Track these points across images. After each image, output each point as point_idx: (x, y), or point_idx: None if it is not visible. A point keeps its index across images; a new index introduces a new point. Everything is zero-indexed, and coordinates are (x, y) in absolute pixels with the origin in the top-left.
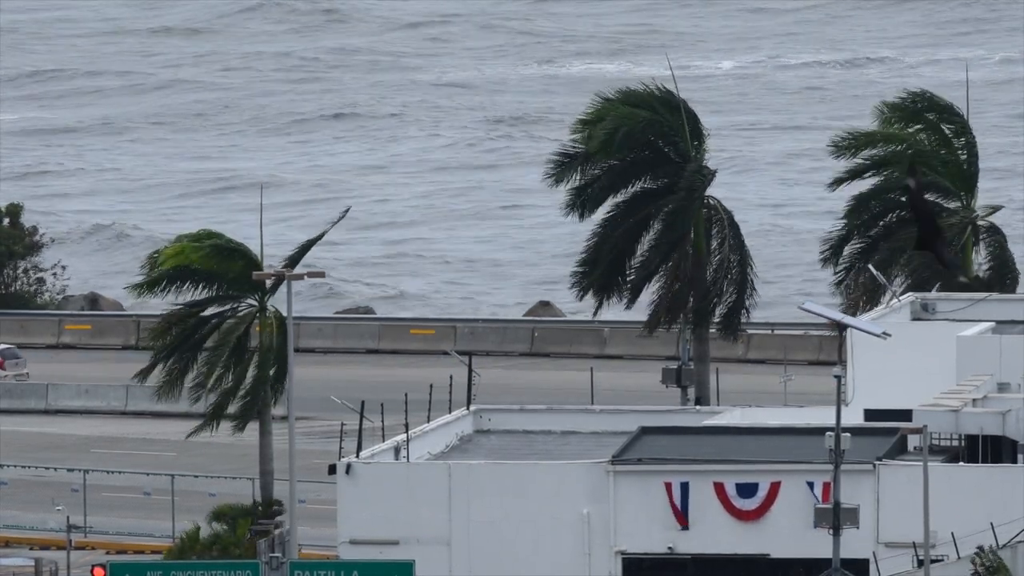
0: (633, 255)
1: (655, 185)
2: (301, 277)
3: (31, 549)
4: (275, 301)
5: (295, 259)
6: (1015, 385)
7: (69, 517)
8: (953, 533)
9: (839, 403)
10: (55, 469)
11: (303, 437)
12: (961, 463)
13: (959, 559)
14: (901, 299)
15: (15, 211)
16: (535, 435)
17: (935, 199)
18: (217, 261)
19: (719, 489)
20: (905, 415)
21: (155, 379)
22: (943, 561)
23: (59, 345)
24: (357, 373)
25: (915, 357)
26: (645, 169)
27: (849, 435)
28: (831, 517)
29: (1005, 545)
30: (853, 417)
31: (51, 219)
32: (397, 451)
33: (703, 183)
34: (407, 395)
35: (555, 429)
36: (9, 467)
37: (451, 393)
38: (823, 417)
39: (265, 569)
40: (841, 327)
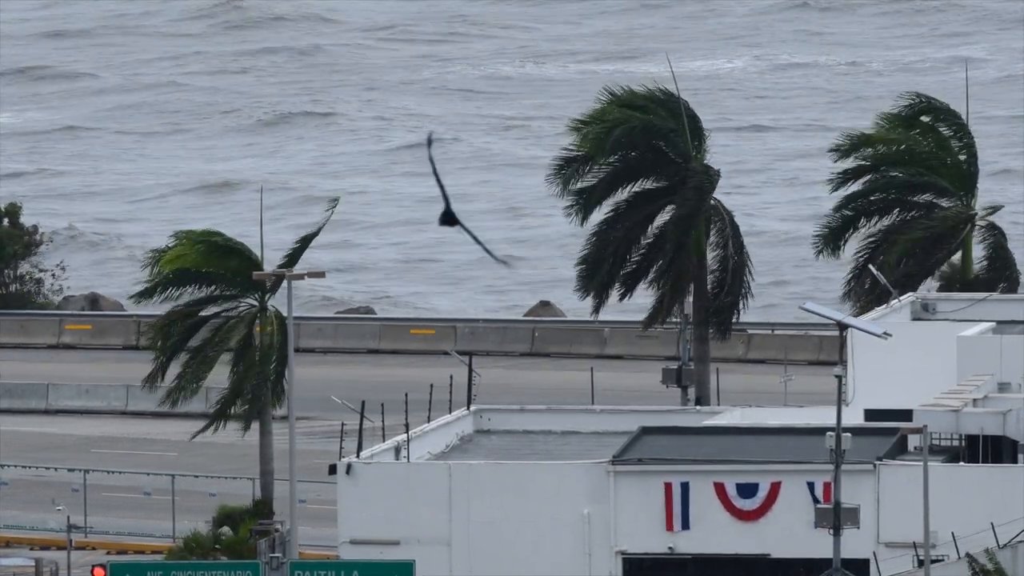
0: (634, 255)
1: (656, 185)
2: (302, 277)
3: (31, 549)
4: (274, 301)
5: (293, 257)
6: (1015, 385)
7: (69, 517)
8: (953, 533)
9: (839, 403)
10: (55, 469)
11: (303, 437)
12: (961, 463)
13: (959, 559)
14: (901, 299)
15: (14, 211)
16: (535, 435)
17: (933, 199)
18: (215, 260)
19: (719, 489)
20: (905, 415)
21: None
22: (943, 561)
23: (59, 345)
24: (357, 373)
25: (915, 357)
26: (646, 170)
27: (849, 435)
28: (831, 517)
29: (1005, 545)
30: (853, 417)
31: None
32: (397, 451)
33: (711, 184)
34: (407, 395)
35: (555, 429)
36: (9, 467)
37: (451, 393)
38: (823, 417)
39: (265, 569)
40: (842, 327)
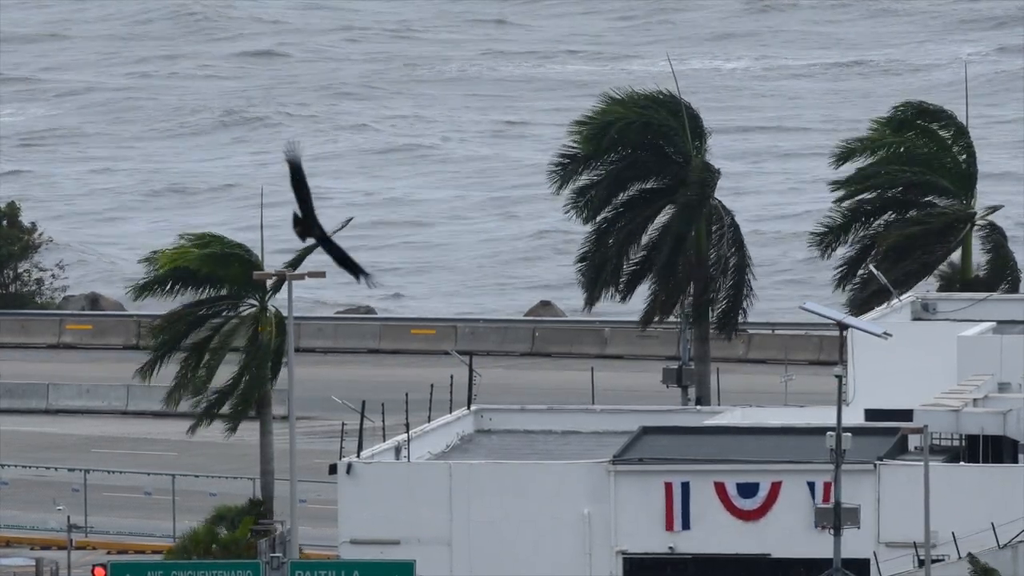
0: (635, 253)
1: (657, 185)
2: (302, 277)
3: (32, 549)
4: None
5: (296, 263)
6: (1016, 385)
7: (70, 517)
8: (954, 533)
9: (840, 403)
10: (56, 469)
11: (304, 437)
12: (962, 463)
13: (959, 559)
14: (902, 299)
15: (13, 211)
16: (536, 435)
17: (932, 199)
18: (215, 265)
19: (720, 489)
20: (906, 415)
21: (158, 380)
22: (943, 561)
23: (60, 345)
24: (358, 373)
25: (916, 357)
26: (646, 169)
27: (850, 435)
28: (832, 517)
29: (1005, 545)
30: (854, 417)
31: None
32: (398, 451)
33: (712, 181)
34: (408, 395)
35: (556, 429)
36: (10, 467)
37: (452, 393)
38: (824, 417)
39: (266, 569)
40: (842, 327)
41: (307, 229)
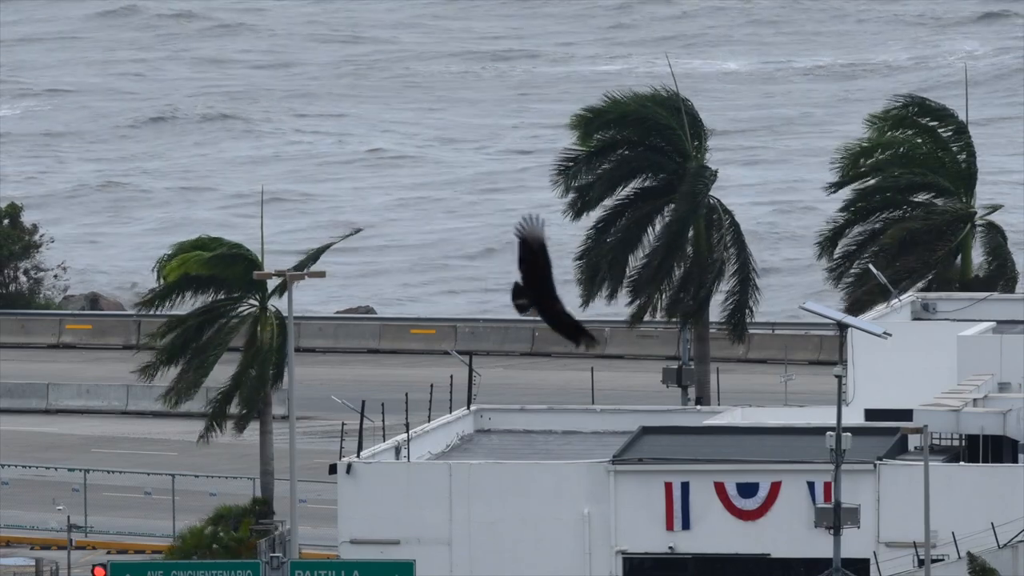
0: (633, 253)
1: (656, 184)
2: (302, 277)
3: (32, 549)
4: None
5: (300, 268)
6: (1016, 385)
7: (70, 517)
8: (953, 533)
9: (840, 403)
10: (56, 469)
11: (304, 437)
12: (962, 463)
13: (959, 559)
14: (902, 299)
15: (15, 211)
16: (536, 435)
17: (933, 199)
18: (222, 267)
19: (720, 489)
20: (906, 415)
21: (159, 380)
22: (943, 561)
23: (60, 345)
24: (358, 373)
25: (916, 357)
26: (645, 168)
27: (850, 435)
28: (832, 517)
29: (1005, 545)
30: (854, 417)
31: None
32: (398, 451)
33: (705, 187)
34: (408, 395)
35: (556, 429)
36: (10, 467)
37: (452, 393)
38: (823, 417)
39: (266, 569)
40: (842, 327)
41: (537, 301)
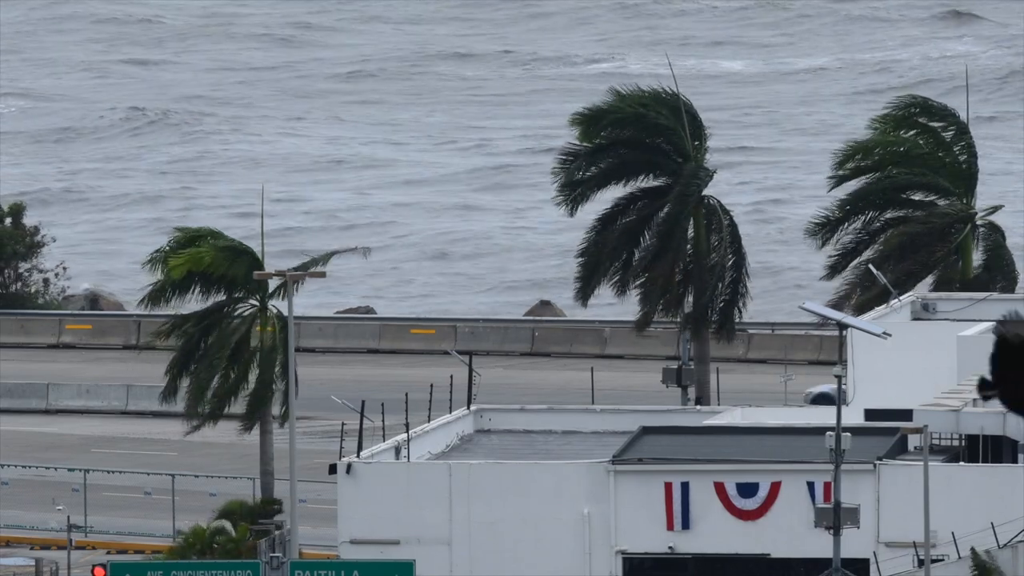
0: (631, 253)
1: (656, 183)
2: (303, 277)
3: (32, 549)
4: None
5: (305, 267)
6: None
7: (70, 517)
8: (953, 533)
9: (839, 403)
10: (56, 469)
11: (304, 437)
12: (961, 463)
13: (959, 559)
14: (901, 299)
15: (17, 211)
16: (536, 435)
17: (933, 198)
18: (227, 264)
19: (720, 489)
20: (905, 415)
21: (157, 380)
22: (943, 561)
23: (60, 345)
24: (357, 373)
25: (915, 357)
26: (645, 167)
27: (849, 435)
28: (831, 517)
29: (1005, 545)
30: (853, 417)
31: None
32: (397, 451)
33: (699, 187)
34: (407, 395)
35: (556, 429)
36: (10, 467)
37: (451, 393)
38: (823, 417)
39: (266, 569)
40: (842, 327)
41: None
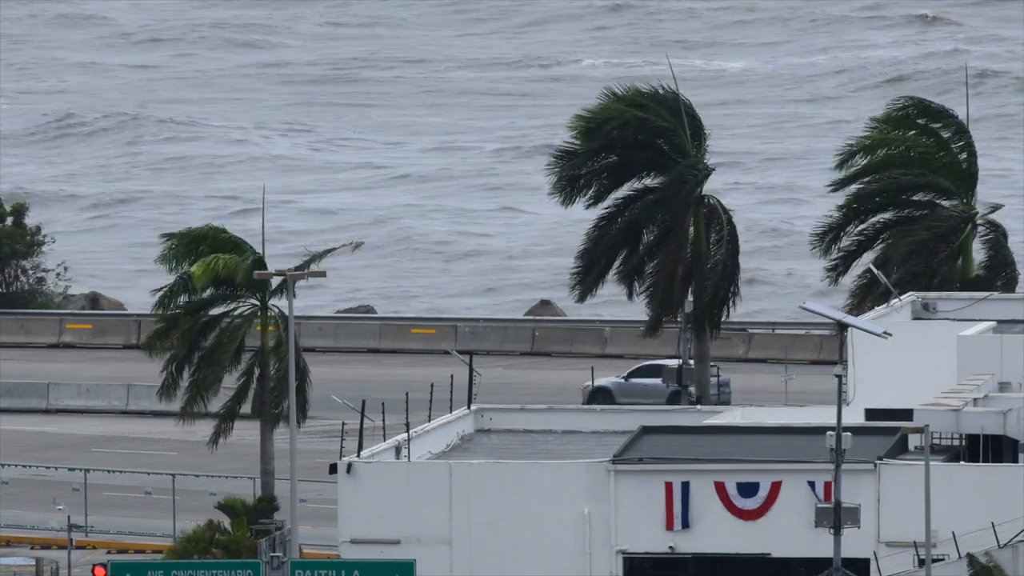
0: (629, 251)
1: (656, 183)
2: (303, 277)
3: (32, 548)
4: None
5: (303, 267)
6: (1016, 384)
7: (70, 516)
8: (954, 533)
9: (840, 403)
10: (56, 468)
11: (304, 436)
12: (962, 463)
13: (959, 559)
14: (902, 299)
15: (19, 210)
16: (536, 434)
17: (933, 199)
18: (243, 269)
19: (720, 488)
20: (906, 415)
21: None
22: (944, 561)
23: (60, 344)
24: (358, 372)
25: (916, 357)
26: (645, 167)
27: (850, 434)
28: (832, 516)
29: (1005, 545)
30: (854, 416)
31: None
32: (398, 450)
33: (694, 177)
34: (408, 394)
35: (556, 428)
36: (10, 466)
37: (452, 392)
38: (824, 417)
39: (266, 569)
40: (842, 327)
41: None
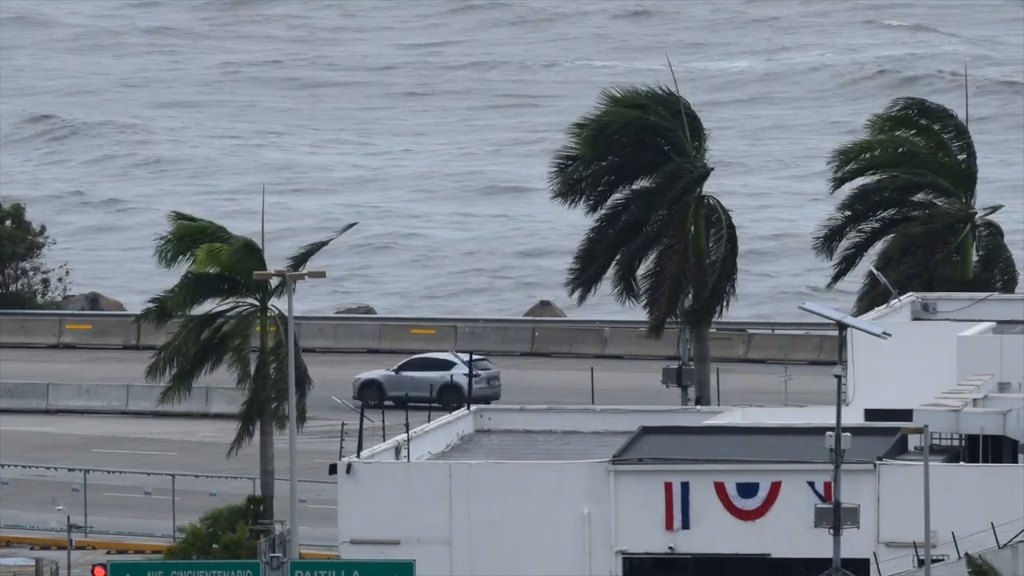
0: (628, 250)
1: (656, 184)
2: (302, 276)
3: (32, 549)
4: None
5: (298, 263)
6: (1016, 385)
7: (70, 517)
8: (953, 533)
9: (839, 403)
10: (56, 469)
11: (303, 437)
12: (961, 463)
13: (959, 559)
14: (901, 299)
15: (18, 212)
16: (536, 435)
17: (932, 199)
18: (243, 262)
19: (720, 489)
20: (905, 415)
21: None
22: (943, 561)
23: (60, 345)
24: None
25: (915, 357)
26: (645, 167)
27: (850, 435)
28: (832, 517)
29: (1005, 545)
30: (853, 417)
31: None
32: (398, 451)
33: (691, 172)
34: (407, 394)
35: (556, 429)
36: (10, 467)
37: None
38: (823, 417)
39: (266, 569)
40: (841, 327)
41: None
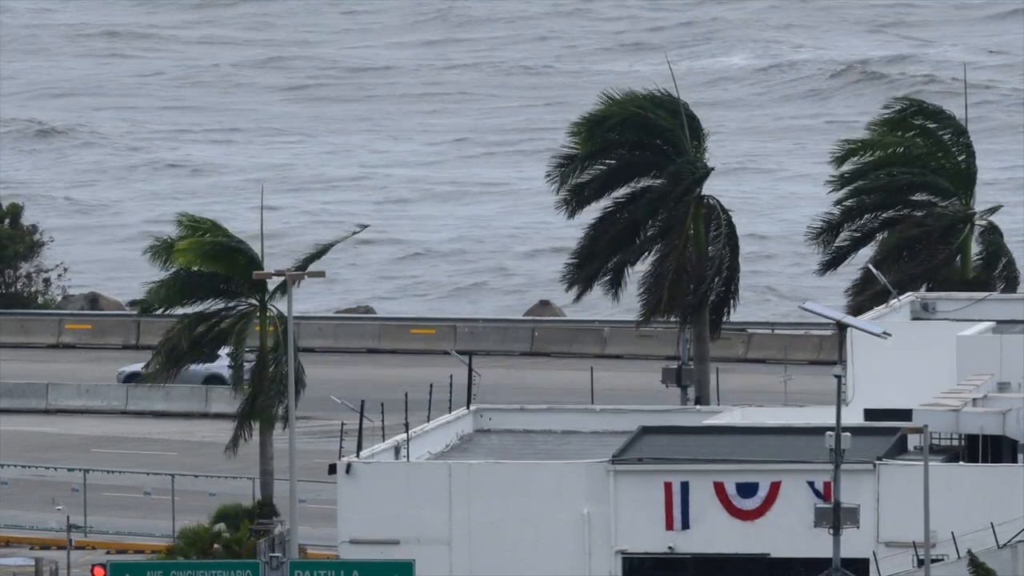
0: (627, 250)
1: (655, 184)
2: (302, 276)
3: (31, 549)
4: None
5: (303, 265)
6: (1015, 385)
7: (69, 517)
8: (953, 533)
9: (839, 403)
10: (55, 469)
11: (303, 437)
12: (961, 463)
13: (959, 559)
14: (901, 299)
15: (16, 211)
16: (536, 435)
17: (932, 199)
18: (224, 261)
19: (719, 489)
20: (905, 415)
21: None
22: (943, 561)
23: (59, 345)
24: (357, 373)
25: (915, 357)
26: (644, 168)
27: (849, 435)
28: (831, 517)
29: (1005, 545)
30: (853, 417)
31: None
32: (397, 451)
33: (692, 172)
34: (407, 395)
35: (556, 429)
36: (9, 467)
37: (451, 393)
38: (823, 417)
39: (265, 569)
40: (841, 327)
41: None
